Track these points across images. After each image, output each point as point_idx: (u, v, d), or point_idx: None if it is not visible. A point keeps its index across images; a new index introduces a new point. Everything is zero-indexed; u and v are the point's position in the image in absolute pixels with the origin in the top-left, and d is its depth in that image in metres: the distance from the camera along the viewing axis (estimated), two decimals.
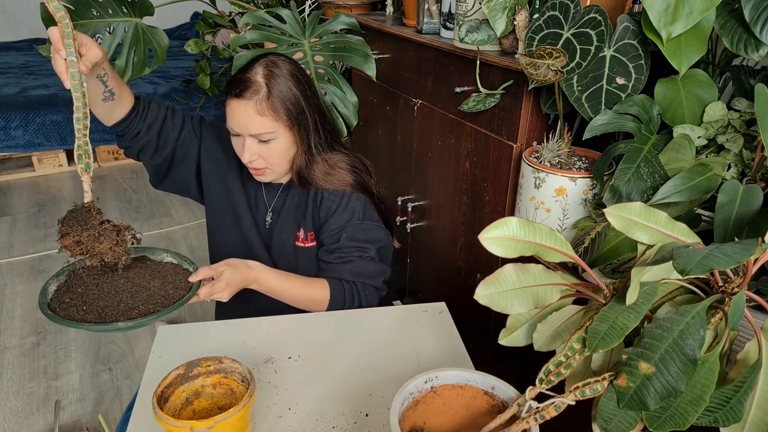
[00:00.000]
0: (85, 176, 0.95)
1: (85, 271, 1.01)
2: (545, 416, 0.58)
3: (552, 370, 0.57)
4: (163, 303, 0.95)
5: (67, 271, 1.01)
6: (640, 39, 1.07)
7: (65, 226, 0.93)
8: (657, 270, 0.53)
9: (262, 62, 1.15)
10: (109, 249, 0.95)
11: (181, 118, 1.27)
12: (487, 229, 0.56)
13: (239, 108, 1.12)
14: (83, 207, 0.95)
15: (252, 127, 1.13)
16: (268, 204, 1.31)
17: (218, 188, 1.32)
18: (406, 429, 0.70)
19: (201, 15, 2.45)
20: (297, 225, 1.29)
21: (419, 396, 0.72)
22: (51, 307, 0.93)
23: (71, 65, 0.90)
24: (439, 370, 0.72)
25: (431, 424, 0.72)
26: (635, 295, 0.51)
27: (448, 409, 0.72)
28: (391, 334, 1.05)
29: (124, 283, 0.99)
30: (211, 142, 1.30)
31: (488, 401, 0.71)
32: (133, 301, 0.95)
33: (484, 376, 0.71)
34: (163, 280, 1.01)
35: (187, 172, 1.31)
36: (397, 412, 0.66)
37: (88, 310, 0.93)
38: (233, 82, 1.14)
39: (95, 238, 0.93)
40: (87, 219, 0.93)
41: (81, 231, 0.92)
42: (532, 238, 0.55)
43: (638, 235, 0.52)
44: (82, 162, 0.95)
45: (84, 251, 0.94)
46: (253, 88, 1.12)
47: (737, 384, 0.49)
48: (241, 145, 1.16)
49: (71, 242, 0.92)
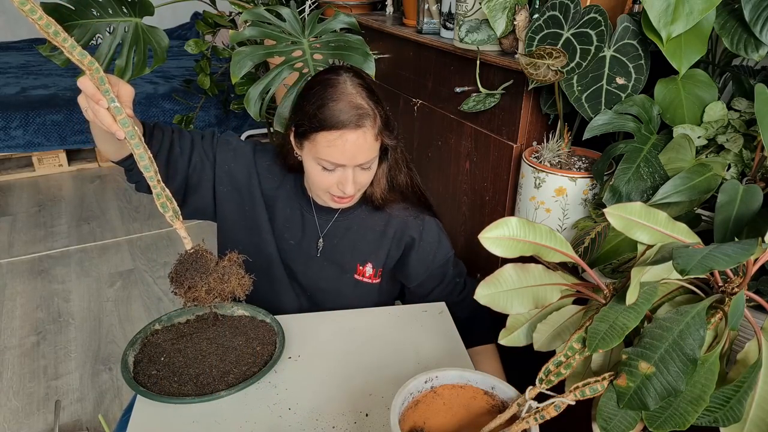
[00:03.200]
0: (176, 223, 0.89)
1: (158, 336, 0.97)
2: (545, 416, 0.58)
3: (552, 370, 0.57)
4: (254, 362, 0.92)
5: (140, 339, 0.96)
6: (640, 39, 1.07)
7: (187, 279, 0.86)
8: (657, 270, 0.53)
9: (345, 79, 1.02)
10: (238, 285, 0.90)
11: (190, 141, 1.13)
12: (487, 229, 0.56)
13: (356, 138, 0.98)
14: (194, 254, 0.88)
15: (365, 155, 1.01)
16: (319, 230, 1.18)
17: (236, 213, 1.18)
18: (406, 429, 0.70)
19: (201, 15, 2.45)
20: (363, 260, 1.18)
21: (419, 396, 0.72)
22: (139, 382, 0.87)
23: (117, 112, 0.82)
24: (439, 370, 0.72)
25: (431, 424, 0.72)
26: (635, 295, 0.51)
27: (448, 409, 0.72)
28: (391, 334, 1.05)
29: (207, 345, 0.95)
30: (227, 163, 1.16)
31: (488, 401, 0.71)
32: (223, 364, 0.91)
33: (484, 376, 0.71)
34: (246, 337, 0.97)
35: (204, 199, 1.16)
36: (397, 412, 0.66)
37: (181, 381, 0.88)
38: (334, 113, 0.98)
39: (221, 279, 0.88)
40: (203, 264, 0.87)
41: (207, 278, 0.87)
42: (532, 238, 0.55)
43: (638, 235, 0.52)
44: (168, 210, 0.88)
45: (215, 296, 0.88)
46: (364, 112, 0.99)
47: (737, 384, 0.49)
48: (337, 176, 1.03)
49: (202, 293, 0.87)
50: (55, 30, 0.76)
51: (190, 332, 0.98)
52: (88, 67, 0.79)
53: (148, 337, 0.97)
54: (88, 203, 3.35)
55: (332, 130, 0.98)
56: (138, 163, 0.85)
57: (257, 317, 1.03)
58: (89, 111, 0.83)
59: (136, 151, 0.84)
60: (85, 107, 0.84)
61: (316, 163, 1.02)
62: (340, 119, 0.97)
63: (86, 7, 1.26)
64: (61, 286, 2.57)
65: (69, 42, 0.77)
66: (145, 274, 2.66)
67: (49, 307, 2.42)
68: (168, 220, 0.89)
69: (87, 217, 3.20)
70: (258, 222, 1.17)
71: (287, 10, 1.47)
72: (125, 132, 0.82)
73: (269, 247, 1.18)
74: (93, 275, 2.65)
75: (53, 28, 0.75)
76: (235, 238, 1.19)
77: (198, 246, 0.89)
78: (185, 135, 1.13)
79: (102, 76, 0.80)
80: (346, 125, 0.97)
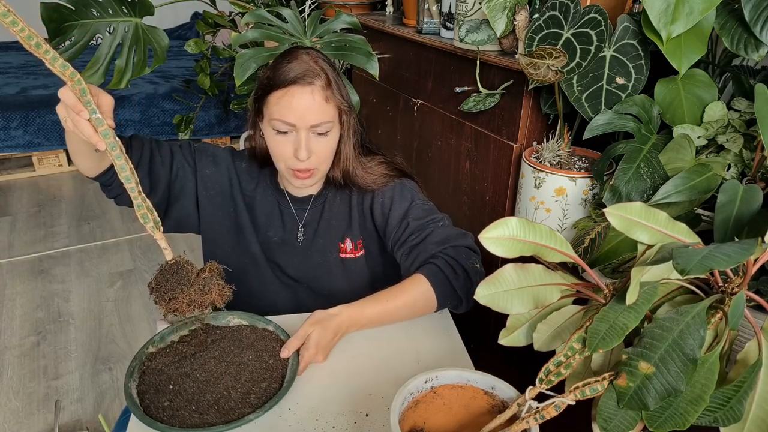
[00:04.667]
0: (157, 234, 0.87)
1: (157, 361, 0.90)
2: (545, 416, 0.58)
3: (552, 370, 0.57)
4: (271, 377, 0.88)
5: (137, 367, 0.89)
6: (640, 39, 1.07)
7: (168, 291, 0.84)
8: (657, 270, 0.53)
9: (302, 51, 1.05)
10: (219, 296, 0.87)
11: (169, 149, 1.13)
12: (487, 229, 0.56)
13: (302, 94, 1.01)
14: (175, 265, 0.86)
15: (315, 115, 1.02)
16: (298, 220, 1.19)
17: (220, 219, 1.19)
18: (406, 429, 0.70)
19: (201, 15, 2.45)
20: (342, 237, 1.18)
21: (419, 396, 0.72)
22: (154, 416, 0.80)
23: (98, 123, 0.80)
24: (439, 370, 0.72)
25: (431, 423, 0.72)
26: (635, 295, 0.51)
27: (448, 409, 0.72)
28: (391, 334, 1.05)
29: (216, 365, 0.89)
30: (208, 168, 1.17)
31: (488, 401, 0.71)
32: (240, 384, 0.86)
33: (484, 376, 0.71)
34: (254, 350, 0.93)
35: (187, 208, 1.17)
36: (397, 412, 0.66)
37: (201, 409, 0.82)
38: (284, 71, 1.02)
39: (202, 290, 0.86)
40: (184, 276, 0.85)
41: (188, 290, 0.85)
42: (532, 238, 0.55)
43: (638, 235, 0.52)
44: (148, 221, 0.86)
45: (196, 307, 0.86)
46: (314, 72, 1.02)
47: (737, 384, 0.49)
48: (292, 143, 1.04)
49: (183, 305, 0.85)
50: (37, 42, 0.75)
51: (191, 352, 0.92)
52: (70, 78, 0.78)
53: (146, 363, 0.90)
54: (88, 203, 3.35)
55: (281, 88, 1.01)
56: (119, 174, 0.83)
57: (257, 326, 0.99)
58: (68, 121, 0.82)
59: (117, 162, 0.82)
60: (64, 117, 0.83)
61: (271, 127, 1.05)
62: (288, 77, 1.01)
63: (86, 7, 1.26)
64: (61, 286, 2.57)
65: (51, 54, 0.77)
66: (145, 274, 2.66)
67: (49, 307, 2.42)
68: (149, 230, 0.87)
69: (87, 217, 3.20)
70: (241, 224, 1.19)
71: (289, 11, 1.47)
72: (106, 143, 0.81)
73: (254, 248, 1.19)
74: (93, 275, 2.65)
75: (35, 39, 0.75)
76: (221, 243, 1.20)
77: (179, 257, 0.87)
78: (164, 145, 1.14)
79: (84, 87, 0.79)
80: (294, 82, 1.01)
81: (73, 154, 0.97)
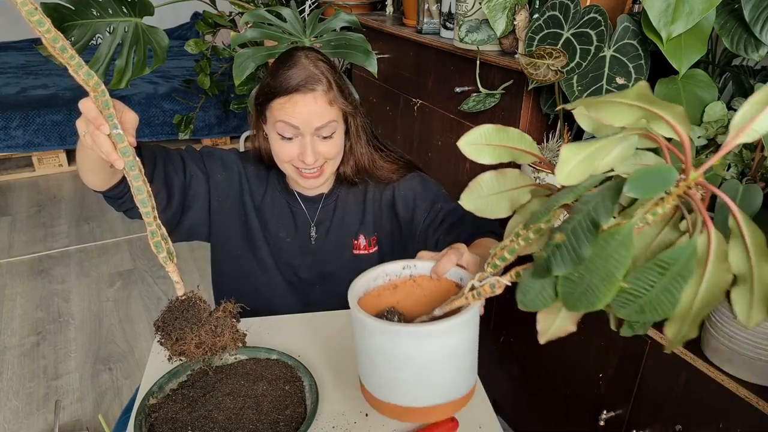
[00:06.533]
0: (170, 266, 0.79)
1: (164, 411, 0.82)
2: (482, 293, 0.63)
3: (497, 253, 0.59)
4: (293, 402, 0.83)
5: (142, 418, 0.80)
6: (640, 39, 1.07)
7: (175, 330, 0.77)
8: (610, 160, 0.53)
9: (301, 54, 1.05)
10: (232, 339, 0.80)
11: (179, 157, 1.11)
12: (465, 135, 0.58)
13: (306, 101, 1.01)
14: (186, 301, 0.79)
15: (320, 119, 1.02)
16: (310, 219, 1.18)
17: (231, 223, 1.17)
18: (383, 306, 0.77)
19: (201, 15, 2.45)
20: (355, 234, 1.18)
21: (398, 280, 0.78)
22: None
23: (118, 140, 0.73)
24: (416, 260, 0.79)
25: (403, 306, 0.79)
26: (564, 175, 0.52)
27: (428, 301, 0.78)
28: None
29: (233, 401, 0.82)
30: (219, 173, 1.16)
31: (457, 292, 0.75)
32: (264, 415, 0.80)
33: (455, 269, 0.76)
34: (266, 380, 0.86)
35: (200, 214, 1.14)
36: (363, 285, 0.75)
37: None
38: (284, 79, 1.01)
39: (214, 332, 0.78)
40: (195, 314, 0.78)
41: (198, 330, 0.77)
42: (505, 142, 0.58)
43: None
44: (162, 250, 0.78)
45: (205, 351, 0.79)
46: (315, 78, 1.01)
47: (659, 264, 0.45)
48: (298, 146, 1.04)
49: (191, 347, 0.77)
50: (62, 45, 0.68)
51: (199, 395, 0.84)
52: (94, 89, 0.71)
53: (151, 415, 0.81)
54: (88, 203, 3.35)
55: (284, 95, 1.01)
56: (135, 197, 0.76)
57: (259, 356, 0.92)
58: (88, 136, 0.75)
59: (134, 184, 0.75)
60: (84, 132, 0.75)
61: (276, 133, 1.05)
62: (290, 85, 1.01)
63: (86, 7, 1.26)
64: (61, 286, 2.57)
65: (76, 60, 0.69)
66: (145, 274, 2.66)
67: (49, 307, 2.42)
68: (161, 261, 0.78)
69: (87, 217, 3.20)
70: (251, 228, 1.18)
71: (288, 11, 1.47)
72: (125, 162, 0.74)
73: (263, 253, 1.18)
74: (93, 275, 2.65)
75: (61, 42, 0.68)
76: (230, 248, 1.19)
77: (191, 293, 0.80)
78: (172, 152, 1.12)
79: (107, 100, 0.72)
80: (296, 89, 1.01)
81: (84, 171, 0.92)
